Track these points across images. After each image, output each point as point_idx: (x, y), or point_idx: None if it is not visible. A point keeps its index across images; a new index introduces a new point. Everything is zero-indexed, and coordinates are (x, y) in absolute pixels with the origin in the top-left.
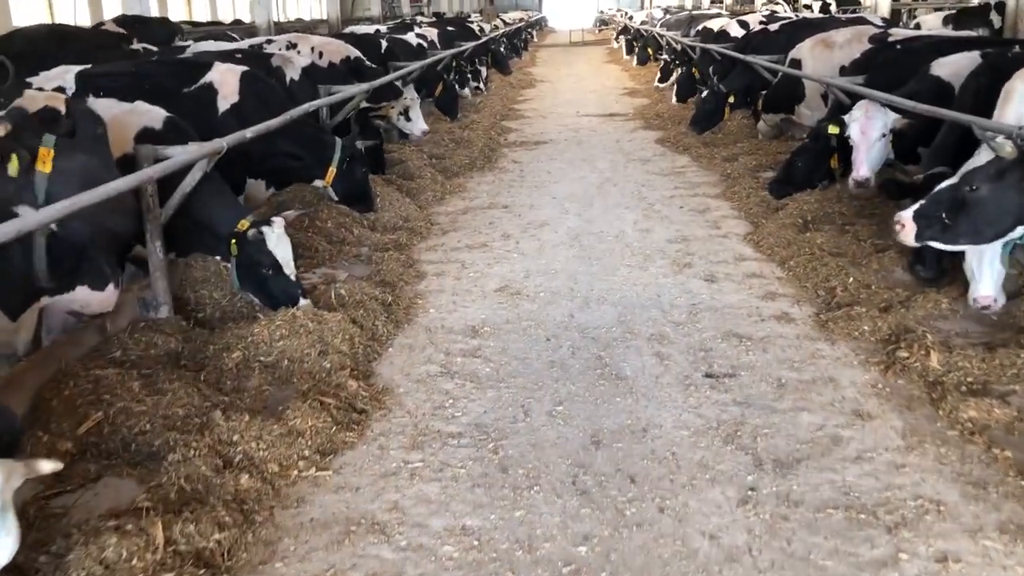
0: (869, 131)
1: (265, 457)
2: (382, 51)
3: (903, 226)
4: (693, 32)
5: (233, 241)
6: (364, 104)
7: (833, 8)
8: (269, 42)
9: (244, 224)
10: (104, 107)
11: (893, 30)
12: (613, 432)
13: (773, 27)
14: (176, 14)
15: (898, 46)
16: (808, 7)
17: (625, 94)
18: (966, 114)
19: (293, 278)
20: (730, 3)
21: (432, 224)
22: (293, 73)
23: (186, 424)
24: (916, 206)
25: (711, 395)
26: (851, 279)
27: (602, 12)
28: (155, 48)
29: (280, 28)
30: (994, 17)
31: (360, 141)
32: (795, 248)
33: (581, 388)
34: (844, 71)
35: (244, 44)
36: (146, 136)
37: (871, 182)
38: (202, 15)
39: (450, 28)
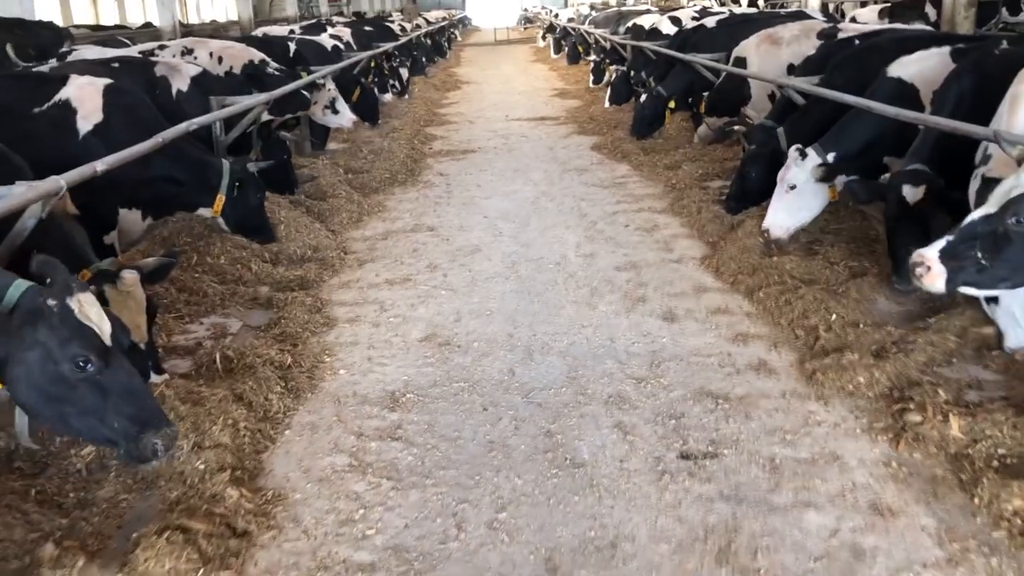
0: (784, 177)
1: None
2: (291, 55)
3: (928, 269)
4: (623, 30)
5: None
6: (267, 116)
7: (761, 4)
8: (162, 48)
9: (86, 274)
10: None
11: (842, 25)
12: (573, 550)
13: (710, 23)
14: (82, 16)
15: (855, 42)
16: (736, 1)
17: (555, 95)
18: (946, 119)
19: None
20: None
21: (346, 254)
22: (180, 83)
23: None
24: (942, 243)
25: (691, 486)
26: (833, 316)
27: (526, 10)
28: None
29: (189, 31)
30: (929, 10)
31: (254, 163)
32: (761, 275)
33: (529, 482)
34: (793, 70)
35: (133, 50)
36: None
37: (782, 241)
38: (110, 18)
39: (367, 28)
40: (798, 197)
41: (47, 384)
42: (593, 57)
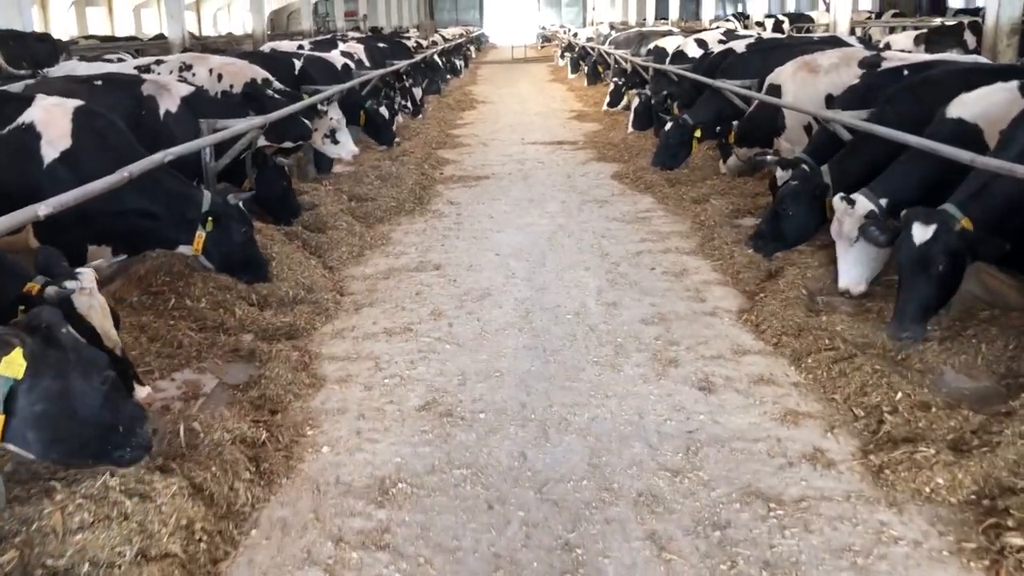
0: (843, 232)
1: None
2: (296, 72)
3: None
4: (644, 51)
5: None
6: (263, 141)
7: (786, 26)
8: (159, 63)
9: (34, 287)
10: None
11: (886, 54)
12: None
13: (739, 47)
14: (97, 27)
15: (903, 73)
16: (760, 24)
17: (573, 117)
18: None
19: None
20: (675, 19)
21: (343, 295)
22: (169, 104)
23: None
24: None
25: None
26: (898, 394)
27: (544, 28)
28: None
29: (203, 43)
30: (968, 37)
31: (234, 196)
32: (809, 338)
33: None
34: (831, 100)
35: (128, 66)
36: None
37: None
38: (126, 29)
39: (381, 45)
40: (865, 247)
41: None
42: (616, 80)
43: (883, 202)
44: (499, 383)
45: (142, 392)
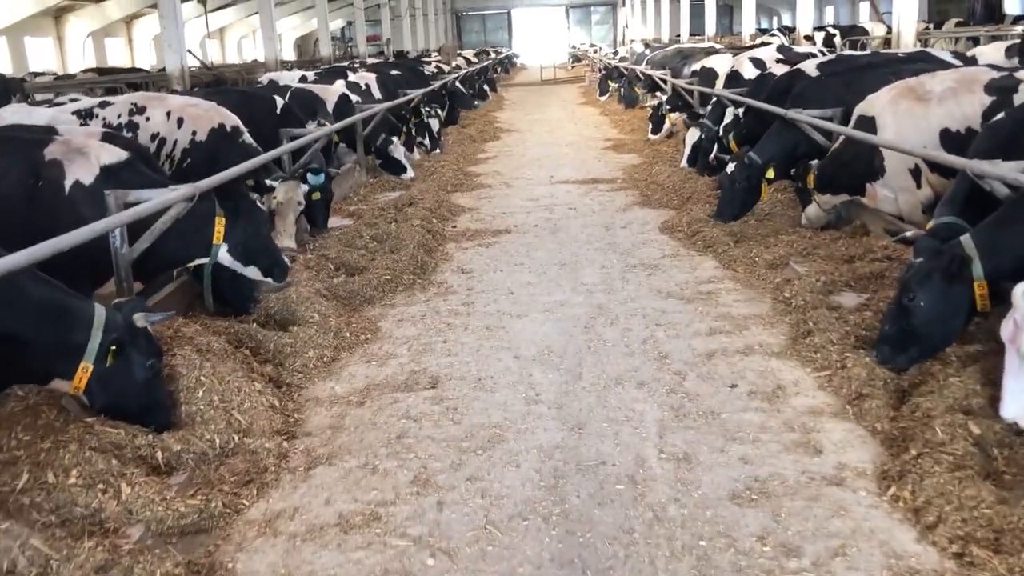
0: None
1: None
2: (277, 111)
3: None
4: (688, 71)
5: None
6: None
7: (838, 39)
8: (104, 105)
9: None
10: None
11: (1020, 74)
12: None
13: (809, 68)
14: (116, 59)
15: None
16: (810, 39)
17: (608, 147)
18: None
19: None
20: (711, 35)
21: (292, 441)
22: (81, 173)
23: None
24: None
25: None
26: None
27: (575, 47)
28: None
29: (219, 73)
30: None
31: (143, 315)
32: (1016, 539)
33: None
34: (951, 137)
35: (64, 110)
36: None
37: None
38: (147, 61)
39: (394, 72)
40: None
41: None
42: (661, 98)
43: None
44: None
45: None
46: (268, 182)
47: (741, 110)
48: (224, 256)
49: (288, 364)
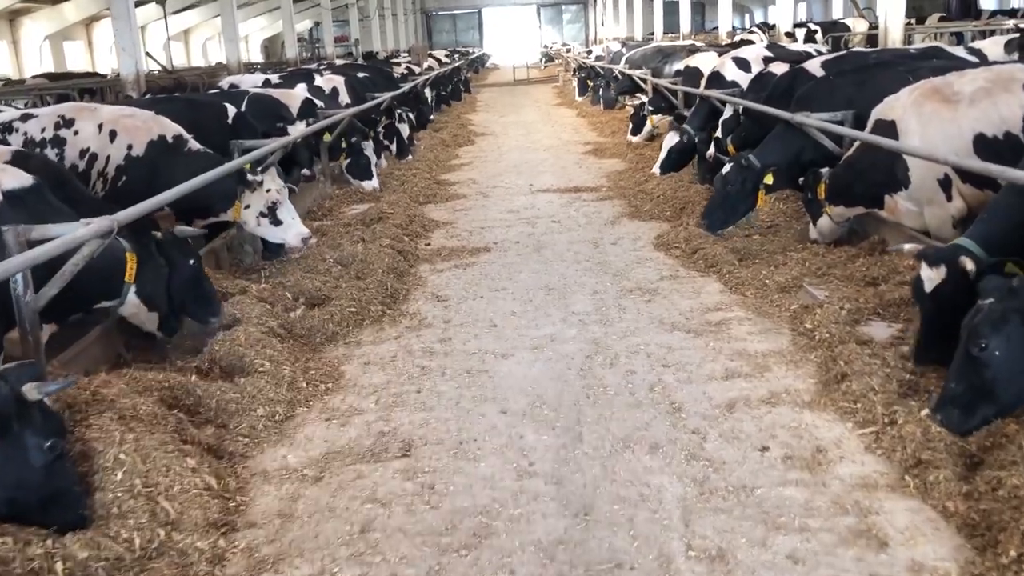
0: None
1: None
2: (229, 120)
3: None
4: (670, 70)
5: None
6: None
7: (819, 36)
8: (26, 118)
9: None
10: None
11: None
12: None
13: (814, 67)
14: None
15: None
16: (791, 36)
17: (589, 152)
18: None
19: None
20: (687, 33)
21: (230, 538)
22: None
23: None
24: None
25: None
26: None
27: (547, 47)
28: None
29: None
30: None
31: (37, 385)
32: None
33: None
34: (987, 143)
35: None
36: None
37: None
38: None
39: (362, 75)
40: None
41: None
42: (643, 98)
43: None
44: None
45: None
46: (250, 177)
47: (742, 108)
48: (131, 299)
49: (232, 426)
